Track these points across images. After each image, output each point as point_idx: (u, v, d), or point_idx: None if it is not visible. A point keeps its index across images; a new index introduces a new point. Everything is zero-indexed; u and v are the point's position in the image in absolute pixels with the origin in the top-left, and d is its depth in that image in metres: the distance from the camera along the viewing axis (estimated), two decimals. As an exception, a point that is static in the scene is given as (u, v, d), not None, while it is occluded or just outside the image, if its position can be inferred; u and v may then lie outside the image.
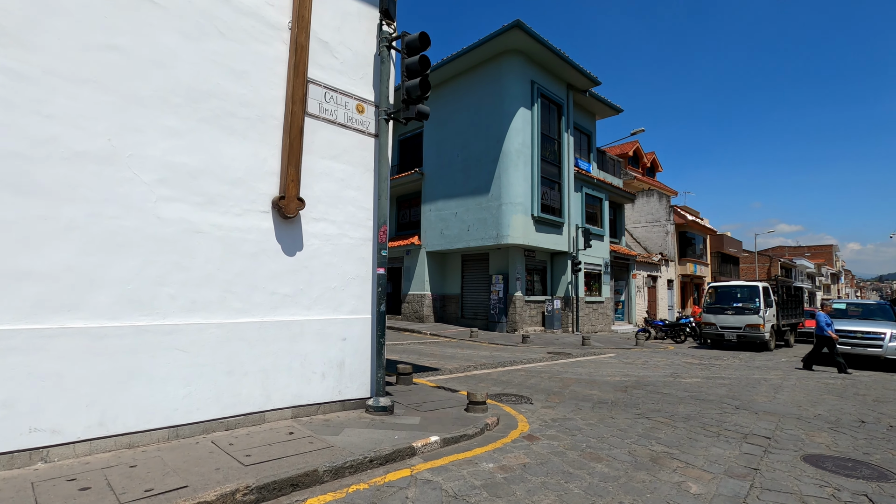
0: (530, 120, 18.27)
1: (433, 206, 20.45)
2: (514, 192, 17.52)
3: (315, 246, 5.53)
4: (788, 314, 16.83)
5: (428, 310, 20.59)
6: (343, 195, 5.84)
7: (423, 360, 10.97)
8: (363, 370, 5.89)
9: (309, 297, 5.44)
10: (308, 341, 5.38)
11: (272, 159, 5.19)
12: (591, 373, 9.78)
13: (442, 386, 7.84)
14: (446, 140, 20.17)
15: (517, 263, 18.35)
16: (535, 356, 12.28)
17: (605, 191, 23.13)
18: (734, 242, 40.13)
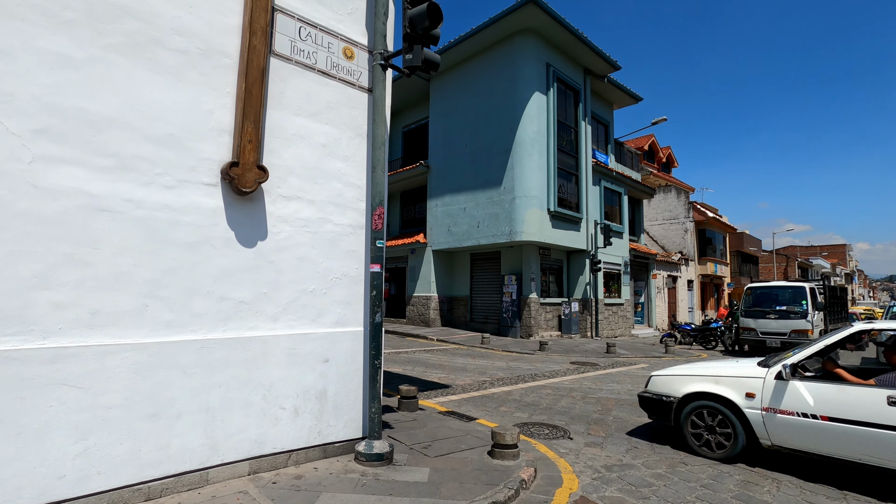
0: (546, 106, 16.74)
1: (440, 202, 18.96)
2: (528, 184, 15.99)
3: (285, 234, 4.05)
4: (834, 318, 15.21)
5: (434, 313, 19.09)
6: (325, 166, 4.35)
7: (430, 374, 9.47)
8: (352, 402, 4.40)
9: (276, 303, 3.95)
10: (274, 365, 3.89)
11: (222, 112, 3.71)
12: (631, 390, 8.24)
13: (454, 412, 6.34)
14: (454, 130, 18.67)
15: (531, 262, 16.82)
16: (558, 367, 10.74)
17: (624, 185, 21.55)
18: (754, 241, 38.37)
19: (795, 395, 4.36)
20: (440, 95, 19.45)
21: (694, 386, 5.04)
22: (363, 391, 4.43)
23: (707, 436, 4.88)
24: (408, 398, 6.14)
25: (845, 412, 4.09)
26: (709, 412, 4.88)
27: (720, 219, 32.00)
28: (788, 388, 4.42)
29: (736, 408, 4.71)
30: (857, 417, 4.02)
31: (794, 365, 4.50)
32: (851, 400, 4.08)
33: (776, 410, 4.44)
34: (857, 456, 4.05)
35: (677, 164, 37.17)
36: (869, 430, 3.95)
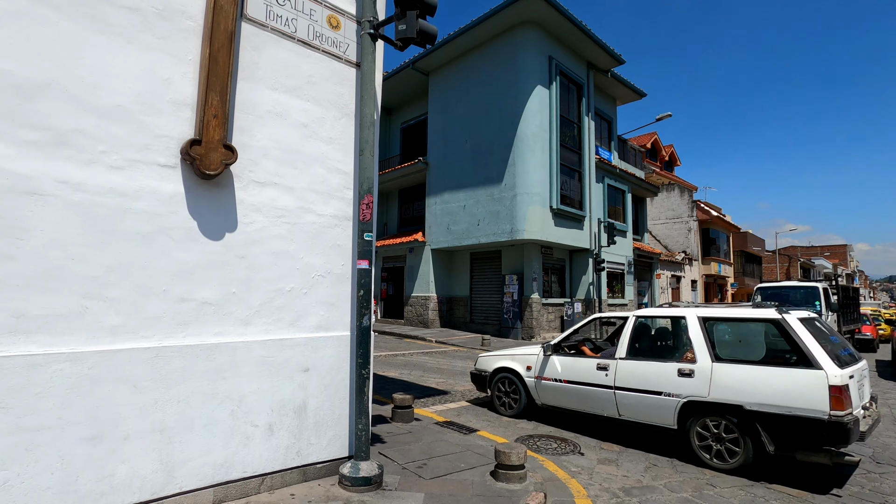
0: (548, 100, 16.22)
1: (439, 199, 18.44)
2: (530, 180, 15.47)
3: (258, 225, 3.53)
4: (847, 319, 14.69)
5: (433, 313, 18.57)
6: (306, 149, 3.83)
7: (428, 378, 8.95)
8: (336, 417, 3.87)
9: (247, 305, 3.43)
10: (245, 376, 3.37)
11: (182, 82, 3.19)
12: (641, 397, 7.72)
13: (453, 422, 5.81)
14: (453, 125, 18.15)
15: (533, 262, 16.31)
16: (563, 371, 10.23)
17: (627, 182, 21.04)
18: (757, 241, 37.87)
19: (552, 367, 5.90)
20: (439, 90, 18.94)
21: (499, 363, 6.59)
22: (349, 404, 3.91)
23: (505, 398, 6.46)
24: (402, 408, 5.62)
25: (576, 376, 5.61)
26: (507, 381, 6.43)
27: (724, 218, 31.52)
28: (549, 361, 5.95)
29: (521, 377, 6.25)
30: (581, 380, 5.54)
31: (553, 345, 6.08)
32: (580, 368, 5.60)
33: (542, 378, 5.98)
34: (584, 408, 5.56)
35: (680, 162, 36.68)
36: (588, 388, 5.47)
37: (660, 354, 5.24)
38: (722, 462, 4.45)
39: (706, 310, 4.98)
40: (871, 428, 4.24)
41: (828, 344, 4.41)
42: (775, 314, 4.56)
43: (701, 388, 4.55)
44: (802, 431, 4.03)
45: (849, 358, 4.56)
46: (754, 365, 4.41)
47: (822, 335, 4.57)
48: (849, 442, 3.87)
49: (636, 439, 5.44)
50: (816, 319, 4.93)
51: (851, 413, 3.95)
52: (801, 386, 4.10)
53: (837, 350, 4.49)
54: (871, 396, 4.80)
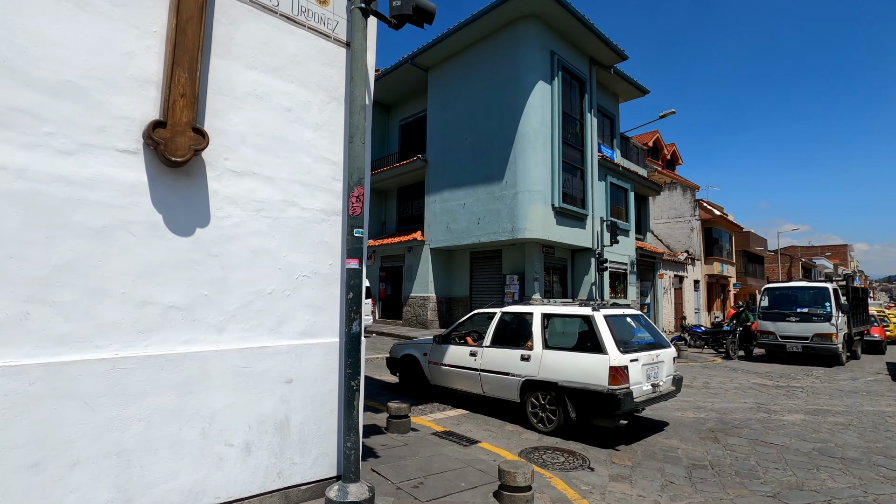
0: (550, 96, 15.85)
1: (438, 197, 18.06)
2: (531, 178, 15.10)
3: (234, 219, 3.15)
4: (857, 320, 14.34)
5: (432, 314, 18.19)
6: (289, 136, 3.45)
7: (427, 383, 8.57)
8: (323, 433, 3.50)
9: (221, 309, 3.05)
10: (218, 389, 3.00)
11: (146, 56, 2.81)
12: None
13: (453, 432, 5.44)
14: (453, 121, 17.77)
15: (535, 261, 15.93)
16: (566, 375, 9.86)
17: (630, 181, 20.67)
18: (760, 240, 37.51)
19: (440, 352, 6.96)
20: (438, 86, 18.56)
21: (406, 350, 7.67)
22: (337, 419, 3.53)
23: (408, 379, 7.58)
24: (398, 417, 5.24)
25: (456, 361, 6.71)
26: (411, 365, 7.49)
27: (726, 217, 31.17)
28: (439, 348, 7.02)
29: (418, 362, 7.32)
30: (459, 364, 6.65)
31: (443, 336, 7.11)
32: (459, 354, 6.70)
33: (433, 362, 7.05)
34: (461, 387, 6.68)
35: (682, 161, 36.32)
36: (463, 370, 6.58)
37: (512, 343, 6.24)
38: (544, 426, 5.63)
39: (547, 308, 6.16)
40: (651, 402, 5.50)
41: (623, 336, 5.57)
42: (588, 311, 5.62)
43: (534, 369, 5.72)
44: (592, 401, 5.15)
45: (642, 347, 5.68)
46: (568, 351, 5.59)
47: (624, 329, 5.76)
48: (621, 409, 4.94)
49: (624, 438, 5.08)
50: (632, 316, 6.13)
51: (627, 388, 5.08)
52: (593, 367, 5.22)
53: (631, 341, 5.68)
54: (676, 379, 6.06)
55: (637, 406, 5.22)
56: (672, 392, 5.88)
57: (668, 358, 5.95)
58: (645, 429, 5.93)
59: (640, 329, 6.10)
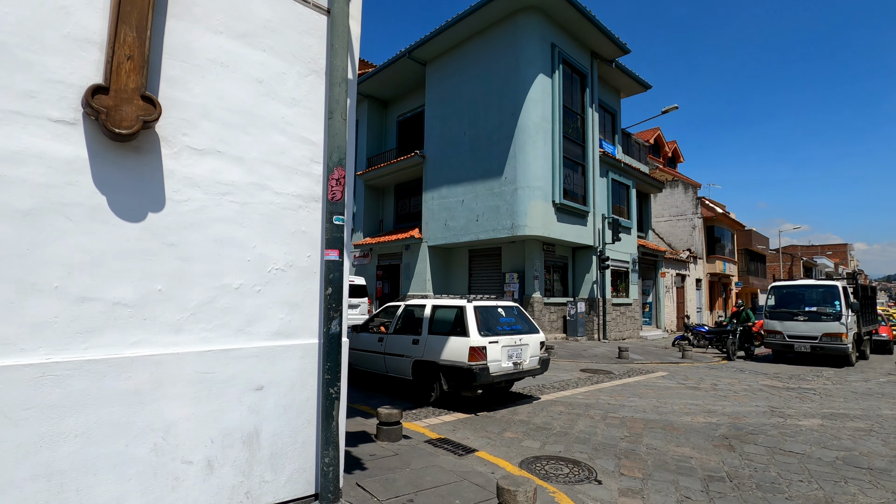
0: (551, 89, 15.46)
1: (436, 194, 17.67)
2: (531, 173, 14.71)
3: (195, 203, 2.76)
4: (866, 320, 13.97)
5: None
6: (261, 111, 3.06)
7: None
8: (300, 446, 3.11)
9: (178, 306, 2.66)
10: (174, 399, 2.61)
11: (86, 12, 2.41)
12: (658, 407, 6.97)
13: (448, 440, 5.06)
14: (451, 116, 17.38)
15: (535, 259, 15.55)
16: (568, 376, 9.47)
17: (632, 177, 20.28)
18: (762, 239, 37.14)
19: (358, 340, 7.90)
20: (437, 80, 18.17)
21: None
22: (315, 431, 3.14)
23: None
24: (388, 424, 4.86)
25: (368, 346, 7.72)
26: None
27: (729, 215, 30.78)
28: (358, 337, 7.96)
29: None
30: (370, 349, 7.67)
31: (361, 325, 8.18)
32: (371, 340, 7.69)
33: (353, 348, 7.69)
34: (372, 368, 7.71)
35: (683, 159, 35.94)
36: (373, 354, 7.61)
37: (409, 331, 7.21)
38: (429, 397, 6.73)
39: (436, 301, 7.20)
40: (513, 377, 6.73)
41: (488, 323, 6.64)
42: (463, 303, 6.71)
43: (421, 351, 6.78)
44: (457, 375, 6.24)
45: (506, 333, 6.74)
46: (445, 335, 6.59)
47: (491, 318, 6.80)
48: (478, 381, 6.06)
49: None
50: (504, 308, 7.20)
51: (484, 364, 6.17)
52: (459, 347, 6.30)
53: (495, 327, 6.70)
54: (542, 359, 7.10)
55: (494, 379, 6.35)
56: (536, 370, 7.05)
57: (534, 342, 7.03)
58: (652, 432, 5.55)
59: (509, 318, 7.16)
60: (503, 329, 6.79)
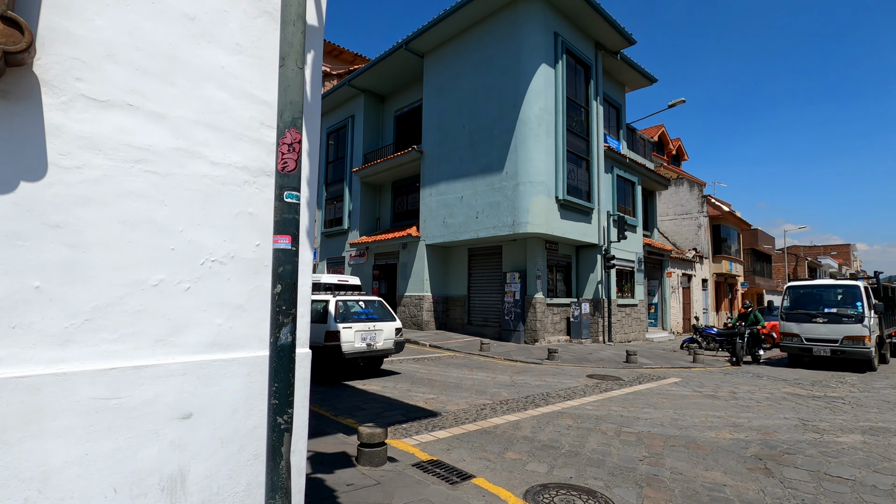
0: (554, 80, 14.78)
1: (434, 190, 17.00)
2: (534, 168, 14.03)
3: (94, 172, 2.06)
4: (889, 321, 13.26)
5: (428, 314, 17.12)
6: (193, 57, 2.37)
7: (416, 394, 7.50)
8: (241, 491, 2.41)
9: (66, 309, 1.97)
10: (58, 435, 1.91)
11: None
12: (676, 420, 6.27)
13: (441, 462, 4.37)
14: (450, 110, 16.71)
15: (537, 258, 14.86)
16: (575, 383, 8.78)
17: (637, 174, 19.59)
18: (768, 238, 36.43)
19: None
20: (435, 72, 17.50)
21: None
22: (265, 472, 2.45)
23: None
24: (370, 446, 4.16)
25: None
26: None
27: (735, 214, 30.07)
28: None
29: None
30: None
31: None
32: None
33: None
34: None
35: (687, 157, 35.25)
36: None
37: (318, 321, 8.36)
38: None
39: (315, 297, 8.61)
40: (366, 355, 8.45)
41: (345, 313, 8.43)
42: (329, 297, 8.49)
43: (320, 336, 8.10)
44: (321, 353, 7.95)
45: (361, 321, 8.49)
46: (315, 323, 8.21)
47: (350, 309, 8.60)
48: (335, 357, 7.99)
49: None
50: (365, 301, 9.05)
51: (337, 344, 7.97)
52: (321, 331, 8.04)
53: (352, 316, 8.47)
54: (397, 342, 8.95)
55: (348, 356, 8.15)
56: (390, 350, 8.90)
57: (389, 328, 8.90)
58: (674, 451, 4.85)
59: (368, 310, 8.96)
60: (359, 318, 8.58)
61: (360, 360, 8.71)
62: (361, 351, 8.34)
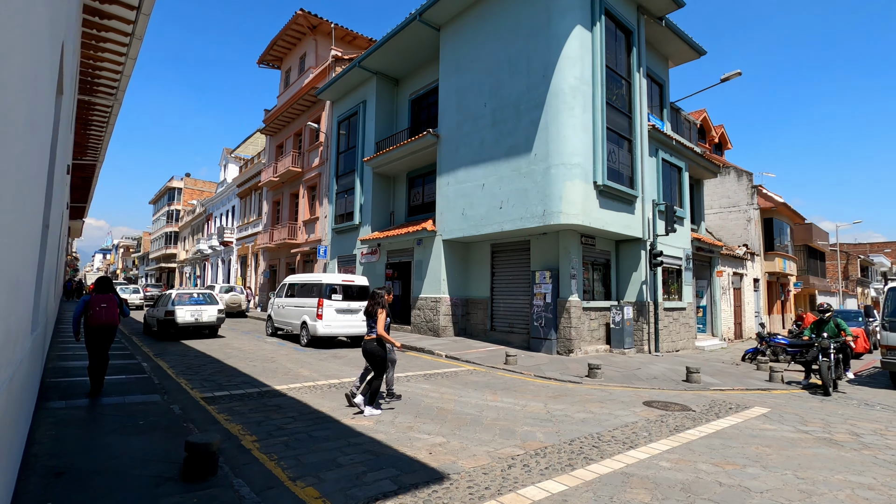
0: (591, 45, 12.59)
1: (452, 178, 15.01)
2: (568, 147, 11.90)
3: None
4: None
5: (445, 319, 15.14)
6: None
7: (418, 435, 5.52)
8: None
9: None
10: None
11: None
12: (809, 494, 4.12)
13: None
14: (470, 87, 14.70)
15: (571, 254, 12.71)
16: (630, 415, 6.66)
17: (685, 158, 17.17)
18: (822, 234, 33.04)
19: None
20: (452, 45, 15.51)
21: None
22: None
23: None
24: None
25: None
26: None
27: (789, 206, 27.08)
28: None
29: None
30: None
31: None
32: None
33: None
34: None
35: (731, 145, 32.23)
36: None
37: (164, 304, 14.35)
38: None
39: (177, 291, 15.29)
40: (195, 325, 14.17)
41: (183, 301, 14.38)
42: (171, 292, 15.10)
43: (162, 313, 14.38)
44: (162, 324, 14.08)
45: (193, 305, 14.34)
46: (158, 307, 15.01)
47: (187, 299, 14.56)
48: (170, 326, 13.97)
49: None
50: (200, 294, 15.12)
51: (173, 318, 13.83)
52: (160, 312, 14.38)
53: (188, 302, 14.39)
54: (219, 318, 14.62)
55: (181, 326, 13.89)
56: (213, 323, 14.48)
57: (212, 309, 14.47)
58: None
59: (200, 298, 14.79)
60: (193, 303, 14.41)
61: (190, 328, 14.24)
62: (190, 322, 14.11)
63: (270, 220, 29.54)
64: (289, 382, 8.26)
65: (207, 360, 10.54)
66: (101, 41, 10.09)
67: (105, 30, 9.56)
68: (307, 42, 26.39)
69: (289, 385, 8.04)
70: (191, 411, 6.20)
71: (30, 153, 2.50)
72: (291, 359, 11.00)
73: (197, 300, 14.59)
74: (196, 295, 14.82)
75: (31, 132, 2.43)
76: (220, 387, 7.79)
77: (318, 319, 12.90)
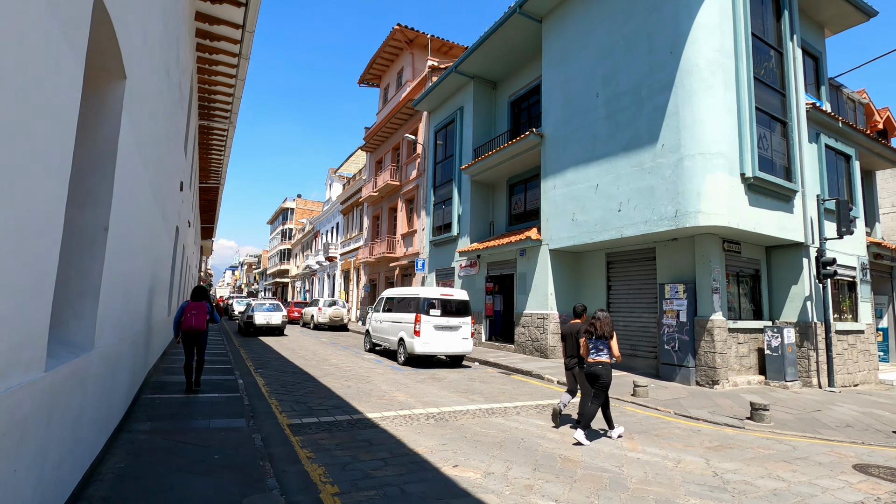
0: (731, 10, 10.44)
1: (559, 181, 13.45)
2: (707, 134, 9.83)
3: None
4: None
5: (554, 339, 13.48)
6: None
7: (538, 502, 4.12)
8: None
9: None
10: None
11: None
12: None
13: None
14: (577, 78, 13.13)
15: (711, 263, 10.46)
16: (839, 487, 4.62)
17: (854, 144, 13.86)
18: None
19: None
20: (556, 35, 14.09)
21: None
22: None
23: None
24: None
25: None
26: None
27: None
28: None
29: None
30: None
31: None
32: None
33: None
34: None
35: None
36: None
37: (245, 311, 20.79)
38: None
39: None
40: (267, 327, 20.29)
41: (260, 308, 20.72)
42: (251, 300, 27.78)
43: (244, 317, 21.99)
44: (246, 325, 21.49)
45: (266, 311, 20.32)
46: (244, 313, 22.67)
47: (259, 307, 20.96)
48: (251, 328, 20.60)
49: None
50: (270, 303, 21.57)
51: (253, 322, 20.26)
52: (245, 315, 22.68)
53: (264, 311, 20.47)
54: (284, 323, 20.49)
55: (258, 326, 19.79)
56: (279, 325, 20.18)
57: (278, 314, 20.13)
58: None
59: (270, 307, 20.34)
60: (265, 310, 20.06)
61: (264, 328, 19.78)
62: (265, 325, 19.70)
63: (370, 234, 29.99)
64: (383, 409, 7.31)
65: (304, 377, 10.08)
66: (213, 64, 10.32)
67: (216, 52, 9.74)
68: (404, 57, 26.56)
69: (382, 413, 7.08)
70: (272, 444, 5.42)
71: None
72: (387, 379, 10.16)
73: (269, 308, 20.33)
74: (268, 304, 20.69)
75: None
76: (310, 411, 7.05)
77: (416, 336, 12.00)
